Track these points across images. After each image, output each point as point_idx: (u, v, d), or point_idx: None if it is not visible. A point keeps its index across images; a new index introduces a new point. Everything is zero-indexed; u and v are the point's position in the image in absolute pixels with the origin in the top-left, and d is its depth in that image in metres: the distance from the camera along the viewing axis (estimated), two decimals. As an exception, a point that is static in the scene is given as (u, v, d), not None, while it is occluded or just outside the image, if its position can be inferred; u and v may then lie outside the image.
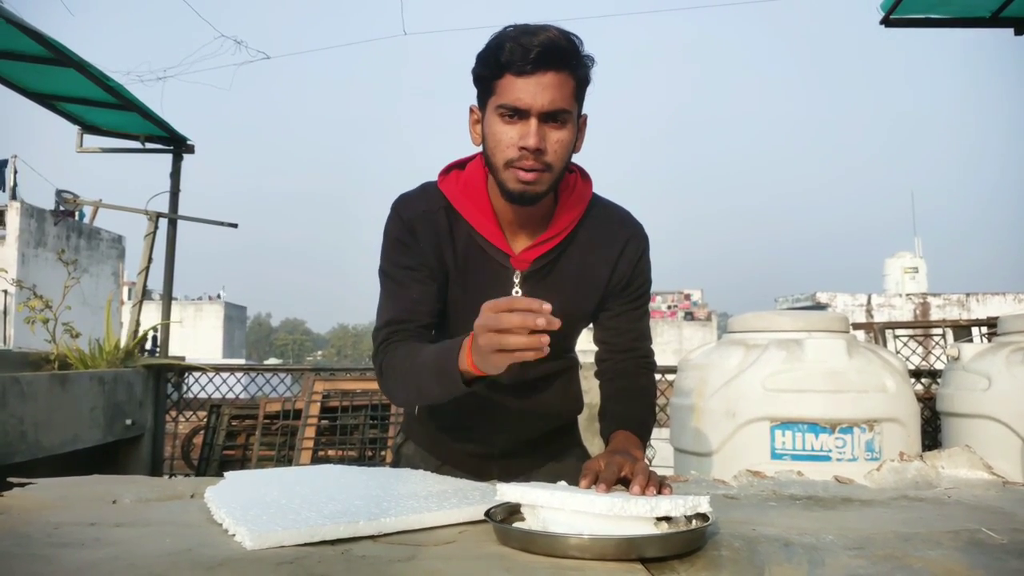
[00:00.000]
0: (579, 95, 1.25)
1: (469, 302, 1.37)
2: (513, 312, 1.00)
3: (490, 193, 1.35)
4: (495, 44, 1.20)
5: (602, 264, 1.40)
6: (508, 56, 1.18)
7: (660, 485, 1.06)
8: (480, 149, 1.35)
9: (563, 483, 1.12)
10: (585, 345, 1.56)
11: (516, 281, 1.36)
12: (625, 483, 1.10)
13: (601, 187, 1.45)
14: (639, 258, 1.43)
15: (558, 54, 1.19)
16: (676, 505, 0.94)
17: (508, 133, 1.22)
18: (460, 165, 1.41)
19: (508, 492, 0.98)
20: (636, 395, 1.45)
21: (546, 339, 1.00)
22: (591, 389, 1.53)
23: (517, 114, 1.21)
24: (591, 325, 1.51)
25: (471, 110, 1.32)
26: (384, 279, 1.38)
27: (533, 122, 1.20)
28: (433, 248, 1.35)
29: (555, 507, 0.93)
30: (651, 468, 1.15)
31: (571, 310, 1.40)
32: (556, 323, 1.00)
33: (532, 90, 1.19)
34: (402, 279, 1.34)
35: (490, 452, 1.49)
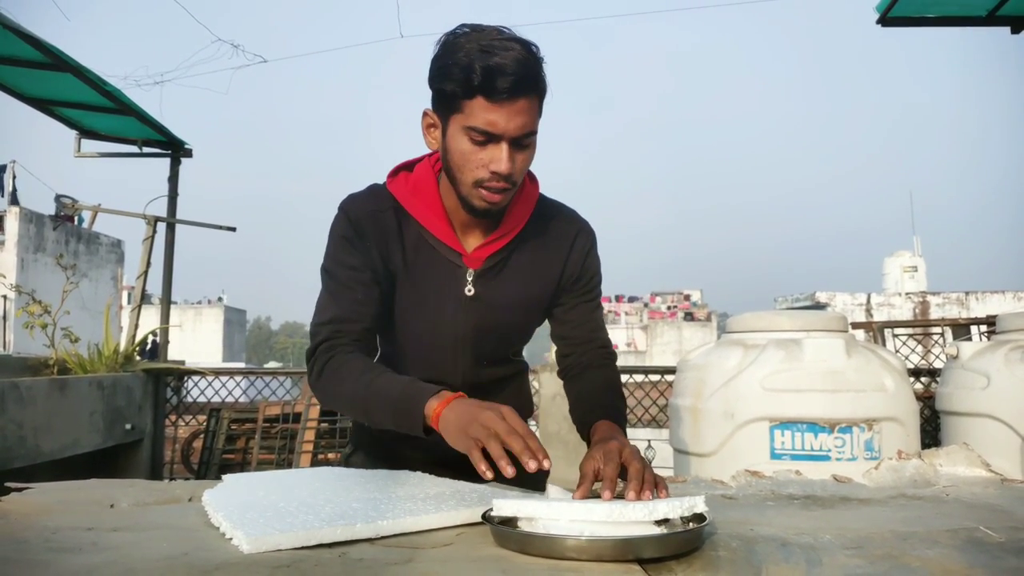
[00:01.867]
0: (541, 110, 1.26)
1: (420, 301, 1.38)
2: (527, 439, 1.02)
3: (441, 193, 1.36)
4: (464, 62, 1.17)
5: (553, 260, 1.43)
6: (481, 80, 1.16)
7: (656, 485, 1.06)
8: (431, 151, 1.36)
9: (556, 489, 1.12)
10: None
11: (469, 279, 1.37)
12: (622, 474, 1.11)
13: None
14: (588, 252, 1.46)
15: (531, 80, 1.19)
16: (673, 507, 0.94)
17: (478, 155, 1.22)
18: (408, 167, 1.42)
19: (504, 506, 0.97)
20: (607, 385, 1.46)
21: (512, 471, 1.01)
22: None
23: (488, 138, 1.21)
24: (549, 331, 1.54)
25: (425, 114, 1.31)
26: (327, 278, 1.36)
27: (505, 147, 1.21)
28: (380, 248, 1.35)
29: (553, 517, 0.93)
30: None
31: (523, 306, 1.43)
32: (544, 466, 1.02)
33: (506, 116, 1.18)
34: (345, 279, 1.33)
35: (443, 458, 1.47)
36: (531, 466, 0.98)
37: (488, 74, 1.16)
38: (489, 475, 1.00)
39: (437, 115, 1.28)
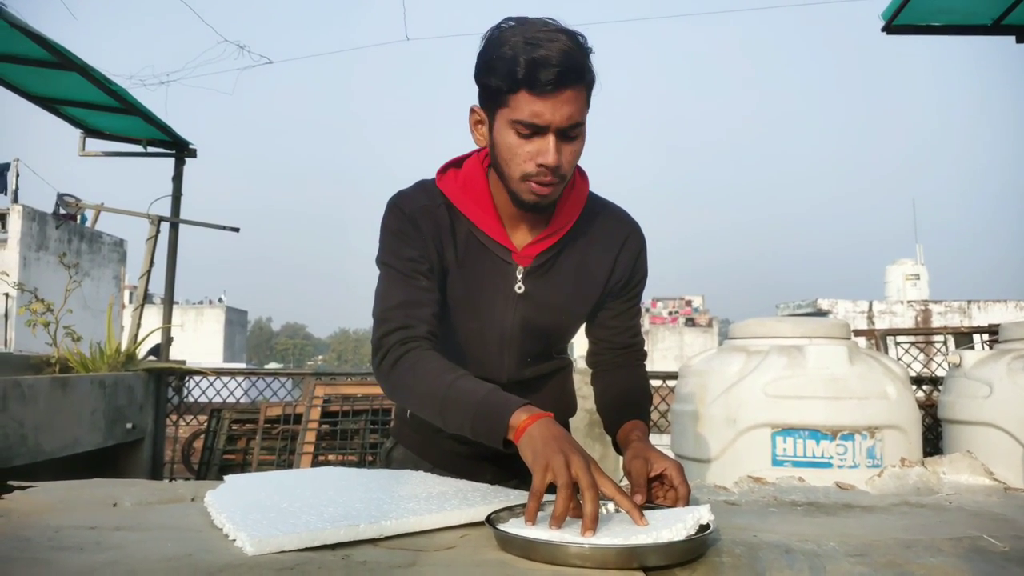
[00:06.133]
0: (588, 101, 1.25)
1: (470, 298, 1.37)
2: (596, 503, 0.96)
3: (491, 189, 1.36)
4: (508, 56, 1.17)
5: (602, 261, 1.41)
6: (525, 74, 1.16)
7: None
8: (478, 148, 1.35)
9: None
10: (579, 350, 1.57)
11: (519, 277, 1.36)
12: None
13: (603, 192, 1.46)
14: (638, 255, 1.45)
15: (576, 71, 1.18)
16: (676, 531, 0.92)
17: (525, 148, 1.21)
18: (457, 163, 1.41)
19: (511, 528, 0.96)
20: (637, 384, 1.49)
21: (590, 534, 0.94)
22: (591, 395, 1.53)
23: (534, 131, 1.20)
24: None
25: (472, 110, 1.31)
26: (387, 269, 1.34)
27: (552, 139, 1.20)
28: (435, 242, 1.34)
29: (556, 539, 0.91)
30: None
31: (572, 307, 1.42)
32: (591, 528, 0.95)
33: (551, 108, 1.17)
34: (406, 270, 1.32)
35: (483, 452, 1.48)
36: (589, 534, 0.93)
37: (532, 67, 1.15)
38: (528, 522, 0.97)
39: (484, 111, 1.28)
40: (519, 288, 1.36)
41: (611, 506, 1.06)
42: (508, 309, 1.38)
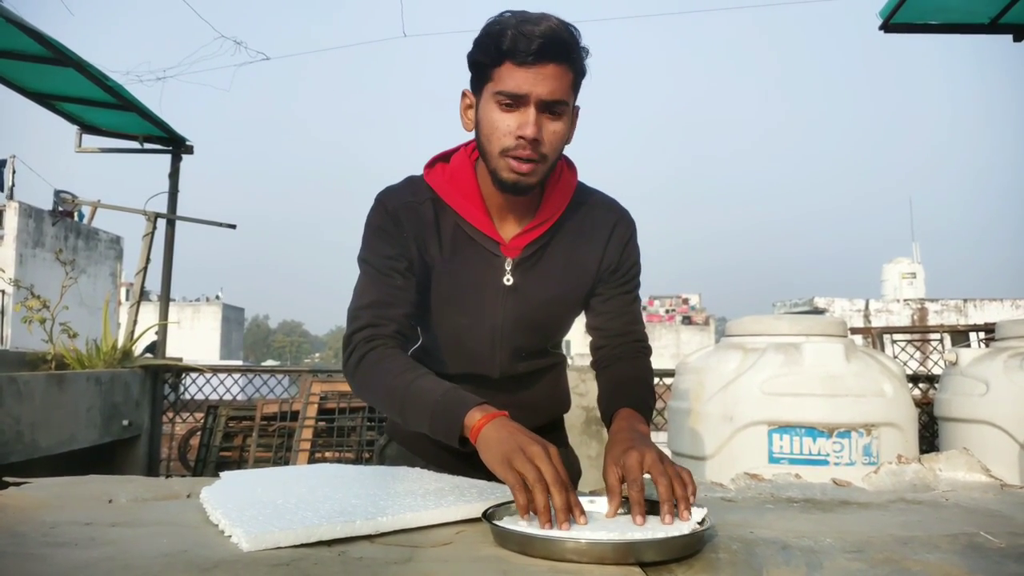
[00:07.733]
0: (576, 87, 1.26)
1: (458, 292, 1.37)
2: (564, 493, 0.96)
3: (479, 181, 1.35)
4: (496, 31, 1.19)
5: (591, 250, 1.41)
6: (510, 44, 1.17)
7: (685, 485, 1.03)
8: (469, 136, 1.35)
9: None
10: (582, 348, 1.56)
11: (507, 269, 1.36)
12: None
13: (602, 187, 1.46)
14: (627, 242, 1.43)
15: (560, 46, 1.19)
16: (673, 527, 0.93)
17: (506, 121, 1.22)
18: (444, 158, 1.41)
19: (513, 524, 0.96)
20: (635, 376, 1.43)
21: (549, 527, 0.95)
22: (589, 392, 1.53)
23: (516, 102, 1.21)
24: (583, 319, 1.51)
25: (464, 94, 1.31)
26: (364, 266, 1.35)
27: (532, 111, 1.20)
28: (418, 239, 1.34)
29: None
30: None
31: (562, 297, 1.41)
32: (580, 522, 0.97)
33: (532, 79, 1.19)
34: (383, 268, 1.33)
35: (475, 449, 1.47)
36: (565, 526, 0.94)
37: (516, 39, 1.17)
38: (524, 519, 0.96)
39: (473, 93, 1.29)
40: (508, 280, 1.36)
41: (598, 500, 1.07)
42: (498, 302, 1.37)
